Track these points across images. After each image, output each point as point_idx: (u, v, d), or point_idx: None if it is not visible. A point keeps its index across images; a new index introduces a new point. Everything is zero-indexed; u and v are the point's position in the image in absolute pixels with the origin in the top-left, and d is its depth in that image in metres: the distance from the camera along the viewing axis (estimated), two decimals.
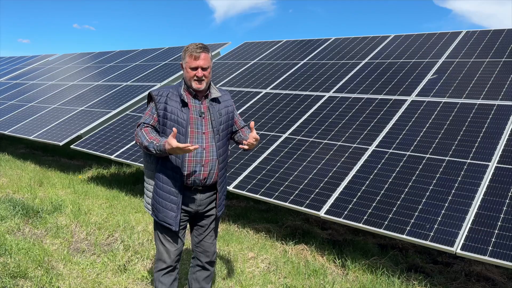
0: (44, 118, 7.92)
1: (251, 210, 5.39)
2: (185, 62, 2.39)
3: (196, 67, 2.35)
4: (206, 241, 2.59)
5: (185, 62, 2.38)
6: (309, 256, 3.89)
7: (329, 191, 3.86)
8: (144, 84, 8.37)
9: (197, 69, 2.35)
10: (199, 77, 2.36)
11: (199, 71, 2.35)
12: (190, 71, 2.37)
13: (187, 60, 2.37)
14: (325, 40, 7.77)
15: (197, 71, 2.35)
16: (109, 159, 5.97)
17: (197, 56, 2.34)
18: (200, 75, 2.35)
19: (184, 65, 2.40)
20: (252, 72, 7.27)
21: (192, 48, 2.36)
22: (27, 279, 3.25)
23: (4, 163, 7.52)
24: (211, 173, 2.43)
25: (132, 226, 4.47)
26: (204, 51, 2.36)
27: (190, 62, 2.35)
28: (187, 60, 2.37)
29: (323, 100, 5.51)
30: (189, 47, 2.38)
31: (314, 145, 4.61)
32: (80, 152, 8.22)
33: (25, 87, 10.76)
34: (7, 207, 4.80)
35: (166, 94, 2.41)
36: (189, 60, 2.36)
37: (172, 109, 2.37)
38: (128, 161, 5.48)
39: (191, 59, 2.35)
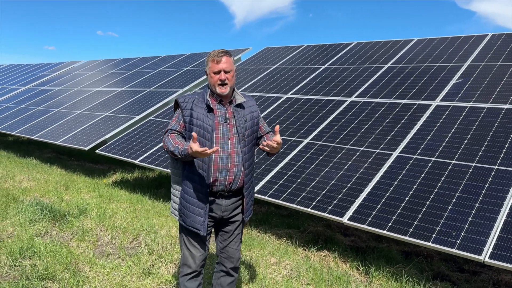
0: (70, 124, 8.12)
1: (272, 215, 5.39)
2: (208, 68, 2.43)
3: (218, 70, 2.38)
4: (231, 247, 2.60)
5: (209, 68, 2.43)
6: (332, 263, 3.86)
7: (352, 197, 3.82)
8: (166, 90, 8.49)
9: (220, 72, 2.39)
10: (222, 81, 2.39)
11: (222, 74, 2.38)
12: (214, 75, 2.40)
13: (210, 65, 2.41)
14: (347, 45, 7.73)
15: (220, 75, 2.38)
16: (133, 163, 6.08)
17: (219, 60, 2.38)
18: (223, 78, 2.38)
19: (208, 71, 2.44)
20: (273, 77, 7.29)
21: (214, 53, 2.41)
22: (55, 281, 3.33)
23: (32, 167, 7.73)
24: (236, 179, 2.44)
25: (156, 230, 4.52)
26: (226, 55, 2.40)
27: (212, 66, 2.40)
28: (210, 65, 2.41)
29: (345, 105, 5.48)
30: (211, 53, 2.43)
31: (337, 150, 4.58)
32: (104, 157, 8.38)
33: (52, 93, 11.07)
34: (35, 210, 4.94)
35: (192, 101, 2.45)
36: (211, 65, 2.40)
37: (198, 115, 2.40)
38: (152, 166, 5.56)
39: (214, 64, 2.39)
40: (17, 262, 3.63)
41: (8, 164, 7.85)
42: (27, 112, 9.85)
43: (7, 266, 3.58)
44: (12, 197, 5.55)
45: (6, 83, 14.41)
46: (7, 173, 7.01)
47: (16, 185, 6.33)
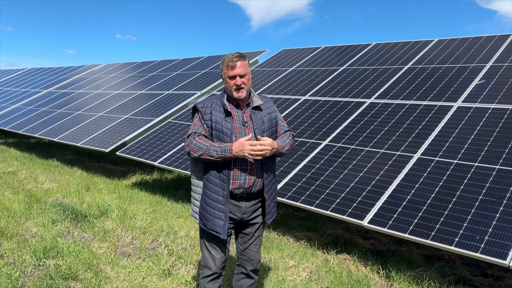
0: (90, 126, 8.26)
1: (290, 217, 5.38)
2: (223, 73, 2.44)
3: (234, 75, 2.39)
4: (251, 249, 2.61)
5: (224, 73, 2.44)
6: (352, 266, 3.82)
7: (372, 200, 3.78)
8: (185, 93, 8.56)
9: (235, 77, 2.39)
10: (238, 85, 2.39)
11: (238, 79, 2.39)
12: (229, 80, 2.41)
13: (225, 71, 2.42)
14: (365, 46, 7.66)
15: (236, 80, 2.39)
16: (152, 165, 6.14)
17: (233, 65, 2.38)
18: (239, 83, 2.39)
19: (223, 76, 2.45)
20: (291, 79, 7.28)
21: (228, 58, 2.41)
22: (78, 281, 3.39)
23: (54, 168, 7.89)
24: (256, 181, 2.45)
25: (175, 231, 4.56)
26: (240, 59, 2.40)
27: (228, 72, 2.40)
28: (225, 71, 2.42)
29: (365, 107, 5.43)
30: (225, 58, 2.43)
31: (356, 153, 4.54)
32: (124, 158, 8.50)
33: (73, 96, 11.29)
34: (57, 211, 5.04)
35: (211, 105, 2.46)
36: (226, 71, 2.41)
37: (217, 119, 2.42)
38: (171, 168, 5.61)
39: (228, 69, 2.40)
40: (41, 261, 3.70)
41: (31, 165, 8.04)
42: (49, 115, 10.07)
43: (32, 265, 3.66)
44: (35, 198, 5.68)
45: (29, 86, 14.76)
46: (30, 174, 7.18)
47: (39, 186, 6.47)
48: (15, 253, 3.91)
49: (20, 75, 17.74)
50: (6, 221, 4.73)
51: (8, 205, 5.28)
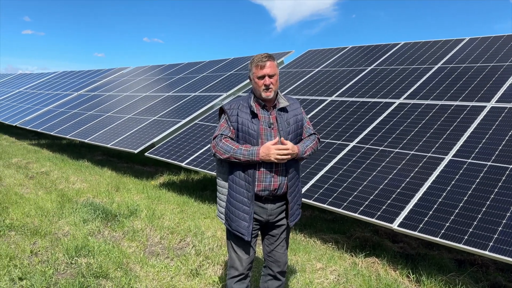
0: (119, 128, 8.45)
1: (317, 219, 5.33)
2: (252, 73, 2.44)
3: (263, 75, 2.39)
4: (278, 251, 2.60)
5: (252, 73, 2.44)
6: (381, 270, 3.75)
7: (402, 203, 3.71)
8: (211, 94, 8.64)
9: (264, 77, 2.39)
10: (267, 85, 2.39)
11: (266, 79, 2.39)
12: (258, 80, 2.41)
13: (254, 71, 2.42)
14: (394, 45, 7.53)
15: (265, 80, 2.39)
16: (179, 166, 6.22)
17: (263, 65, 2.38)
18: (268, 83, 2.39)
19: (251, 76, 2.45)
20: (317, 80, 7.23)
21: (257, 58, 2.41)
22: (108, 280, 3.46)
23: (84, 169, 8.11)
24: (281, 184, 2.44)
25: (202, 231, 4.60)
26: (270, 59, 2.40)
27: (257, 72, 2.40)
28: (254, 71, 2.42)
29: (393, 107, 5.33)
30: (254, 58, 2.43)
31: (385, 154, 4.47)
32: (151, 159, 8.65)
33: (102, 99, 11.57)
34: (88, 210, 5.17)
35: (237, 107, 2.47)
36: (255, 71, 2.41)
37: (243, 121, 2.42)
38: (197, 168, 5.67)
39: (258, 69, 2.40)
40: (73, 260, 3.81)
41: (63, 166, 8.28)
42: (80, 117, 10.35)
43: (64, 263, 3.76)
44: (67, 198, 5.84)
45: (60, 89, 15.23)
46: (62, 175, 7.39)
47: (70, 186, 6.66)
48: (48, 251, 4.03)
49: (52, 78, 18.33)
50: (40, 220, 4.89)
51: (42, 205, 5.46)
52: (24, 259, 3.80)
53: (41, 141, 12.49)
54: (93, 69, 17.26)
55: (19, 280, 3.39)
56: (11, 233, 4.44)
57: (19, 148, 10.55)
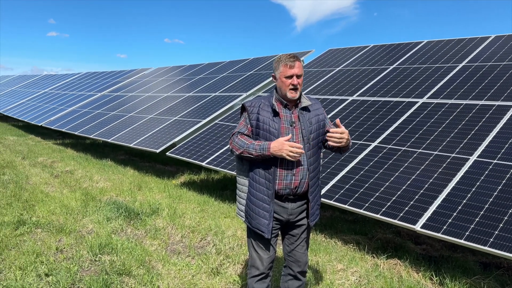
0: (142, 127, 8.58)
1: (337, 220, 5.29)
2: (279, 72, 2.44)
3: (291, 75, 2.39)
4: (298, 251, 2.59)
5: (279, 72, 2.43)
6: (403, 272, 3.70)
7: (425, 204, 3.65)
8: (231, 94, 8.68)
9: (292, 77, 2.39)
10: (294, 85, 2.40)
11: (294, 79, 2.39)
12: (285, 80, 2.41)
13: (282, 70, 2.41)
14: (416, 44, 7.41)
15: (293, 79, 2.39)
16: (200, 165, 6.28)
17: (292, 65, 2.38)
18: (296, 83, 2.39)
19: (278, 75, 2.45)
20: (338, 79, 7.17)
21: (285, 58, 2.41)
22: (131, 277, 3.52)
23: (108, 168, 8.26)
24: (302, 182, 2.43)
25: (223, 230, 4.63)
26: (297, 60, 2.42)
27: (285, 71, 2.40)
28: (281, 70, 2.42)
29: (416, 107, 5.24)
30: (281, 57, 2.43)
31: (407, 155, 4.40)
32: (172, 159, 8.75)
33: (125, 99, 11.77)
34: (111, 209, 5.27)
35: (259, 105, 2.48)
36: (283, 70, 2.40)
37: (264, 119, 2.43)
38: (218, 168, 5.71)
39: (286, 68, 2.39)
40: (97, 257, 3.89)
41: (87, 165, 8.46)
42: (103, 117, 10.56)
43: (88, 260, 3.84)
44: (91, 196, 5.97)
45: (84, 89, 15.56)
46: (86, 174, 7.56)
47: (94, 185, 6.80)
48: (73, 248, 4.13)
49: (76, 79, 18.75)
50: (64, 217, 5.01)
51: (66, 203, 5.59)
52: (50, 255, 3.90)
53: (66, 140, 12.79)
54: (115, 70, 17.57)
55: (46, 276, 3.48)
56: (37, 230, 4.56)
57: (45, 148, 10.83)
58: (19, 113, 15.03)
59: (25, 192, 6.13)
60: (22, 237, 4.32)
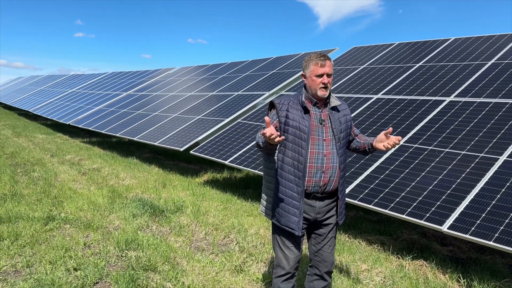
0: (166, 126, 8.70)
1: (361, 220, 5.24)
2: (309, 71, 2.43)
3: (322, 74, 2.39)
4: (325, 251, 2.58)
5: (310, 71, 2.43)
6: (429, 273, 3.64)
7: (452, 205, 3.57)
8: (254, 93, 8.70)
9: (323, 76, 2.39)
10: (325, 84, 2.40)
11: (325, 77, 2.39)
12: (316, 78, 2.41)
13: (312, 69, 2.41)
14: (444, 41, 7.25)
15: (323, 78, 2.39)
16: (223, 164, 6.32)
17: (323, 63, 2.38)
18: (326, 81, 2.39)
19: (308, 74, 2.45)
20: (362, 78, 7.09)
21: (315, 56, 2.41)
22: (157, 273, 3.58)
23: (133, 166, 8.42)
24: (330, 180, 2.42)
25: (246, 228, 4.66)
26: (328, 59, 2.42)
27: (315, 70, 2.40)
28: (312, 69, 2.42)
29: (443, 105, 5.13)
30: (311, 56, 2.43)
31: (434, 154, 4.31)
32: (196, 157, 8.84)
33: (150, 98, 11.96)
34: (137, 205, 5.37)
35: (288, 103, 2.48)
36: (314, 68, 2.40)
37: (294, 117, 2.43)
38: (240, 167, 5.73)
39: (317, 67, 2.39)
40: (123, 253, 3.97)
41: (113, 163, 8.65)
42: (129, 116, 10.76)
43: (115, 256, 3.93)
44: (117, 193, 6.10)
45: (110, 89, 15.89)
46: (112, 171, 7.72)
47: (120, 182, 6.94)
48: (100, 243, 4.23)
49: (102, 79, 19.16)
50: (92, 214, 5.14)
51: (94, 199, 5.73)
52: (78, 251, 4.01)
53: (93, 139, 13.10)
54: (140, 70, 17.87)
55: (74, 271, 3.58)
56: (66, 226, 4.69)
57: (72, 146, 11.12)
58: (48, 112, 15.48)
59: (54, 188, 6.31)
60: (52, 232, 4.45)
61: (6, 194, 5.78)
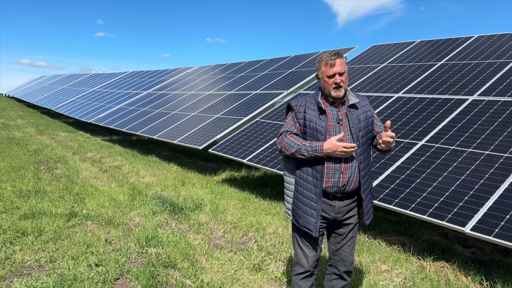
0: (185, 125, 8.78)
1: (381, 220, 5.18)
2: (321, 72, 2.41)
3: (333, 74, 2.36)
4: (344, 250, 2.57)
5: (321, 72, 2.41)
6: (451, 275, 3.57)
7: (475, 206, 3.50)
8: (272, 92, 8.69)
9: (334, 76, 2.36)
10: (337, 84, 2.36)
11: (337, 77, 2.36)
12: (328, 79, 2.38)
13: (323, 70, 2.39)
14: (466, 39, 7.10)
15: (335, 78, 2.36)
16: (241, 162, 6.34)
17: (333, 63, 2.35)
18: (338, 81, 2.36)
19: (320, 75, 2.43)
20: (382, 76, 7.01)
21: (326, 56, 2.38)
22: (176, 270, 3.62)
23: (153, 164, 8.53)
24: (350, 181, 2.40)
25: (264, 227, 4.66)
26: (339, 57, 2.37)
27: (326, 70, 2.37)
28: (323, 70, 2.39)
29: (466, 104, 5.03)
30: (322, 56, 2.40)
31: (456, 154, 4.23)
32: (214, 155, 8.89)
33: (169, 97, 12.07)
34: (157, 203, 5.44)
35: (304, 104, 2.47)
36: (325, 69, 2.38)
37: (311, 118, 2.41)
38: (259, 165, 5.74)
39: (327, 68, 2.36)
40: (143, 249, 4.03)
41: (133, 161, 8.77)
42: (148, 114, 10.89)
43: (136, 252, 3.99)
44: (138, 191, 6.18)
45: (130, 88, 16.10)
46: (133, 169, 7.83)
47: (140, 179, 7.04)
48: (121, 240, 4.30)
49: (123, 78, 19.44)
50: (113, 211, 5.22)
51: (115, 196, 5.82)
52: (100, 247, 4.08)
53: (113, 137, 13.31)
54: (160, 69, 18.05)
55: (96, 266, 3.65)
56: (87, 222, 4.78)
57: (94, 144, 11.33)
58: (70, 110, 15.80)
59: (76, 185, 6.44)
60: (74, 229, 4.55)
61: (30, 191, 5.93)
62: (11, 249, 3.92)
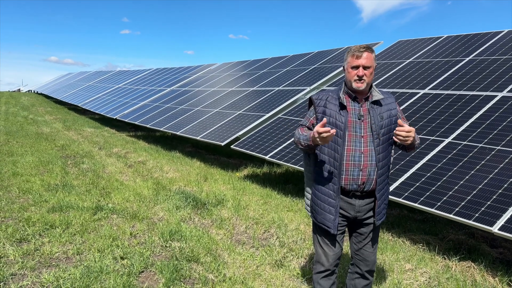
0: (208, 121, 8.84)
1: (405, 219, 5.10)
2: (346, 63, 2.38)
3: (357, 65, 2.32)
4: (366, 250, 2.53)
5: (347, 63, 2.38)
6: (477, 275, 3.49)
7: (504, 205, 3.40)
8: (294, 89, 8.65)
9: (358, 67, 2.32)
10: (360, 76, 2.31)
11: (360, 70, 2.31)
12: (351, 70, 2.35)
13: (349, 60, 2.36)
14: (496, 33, 6.88)
15: (358, 70, 2.32)
16: (263, 159, 6.35)
17: (359, 55, 2.31)
18: (361, 74, 2.31)
19: (345, 66, 2.40)
20: (408, 72, 6.88)
21: (354, 48, 2.35)
22: (199, 264, 3.67)
23: (176, 159, 8.63)
24: (369, 179, 2.35)
25: (286, 224, 4.66)
26: (367, 51, 2.32)
27: (351, 61, 2.34)
28: (348, 60, 2.36)
29: (495, 101, 4.89)
30: (352, 48, 2.37)
31: (485, 152, 4.12)
32: (236, 151, 8.93)
33: (192, 94, 12.18)
34: (180, 198, 5.51)
35: (326, 98, 2.44)
36: (350, 60, 2.35)
37: (331, 112, 2.39)
38: (281, 162, 5.73)
39: (353, 58, 2.33)
40: (167, 243, 4.09)
41: (157, 156, 8.90)
42: (172, 111, 11.02)
43: (159, 246, 4.06)
44: (162, 186, 6.28)
45: (154, 84, 16.33)
46: (157, 164, 7.95)
47: (164, 175, 7.14)
48: (145, 234, 4.38)
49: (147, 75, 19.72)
50: (138, 205, 5.32)
51: (139, 191, 5.93)
52: (125, 240, 4.17)
53: (138, 133, 13.54)
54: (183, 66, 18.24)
55: (121, 259, 3.72)
56: (113, 216, 4.89)
57: (119, 139, 11.55)
58: (96, 106, 16.14)
59: (102, 180, 6.59)
60: (100, 222, 4.66)
61: (58, 185, 6.10)
62: (40, 241, 4.05)
